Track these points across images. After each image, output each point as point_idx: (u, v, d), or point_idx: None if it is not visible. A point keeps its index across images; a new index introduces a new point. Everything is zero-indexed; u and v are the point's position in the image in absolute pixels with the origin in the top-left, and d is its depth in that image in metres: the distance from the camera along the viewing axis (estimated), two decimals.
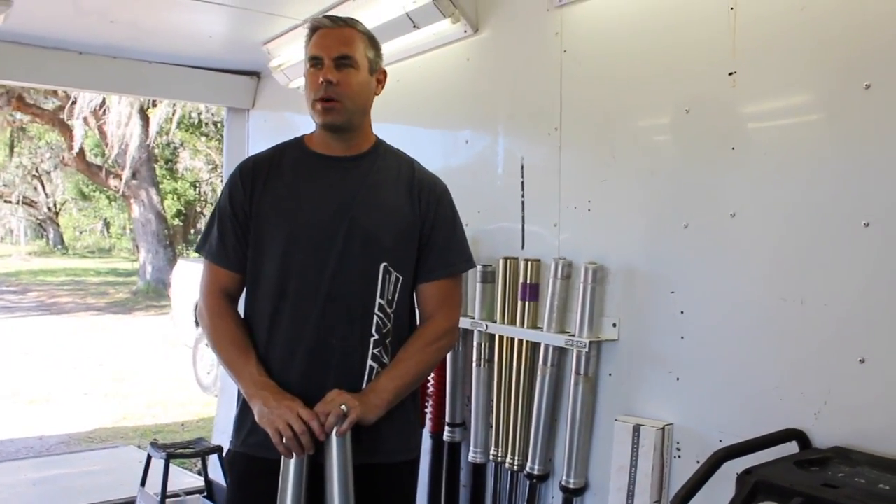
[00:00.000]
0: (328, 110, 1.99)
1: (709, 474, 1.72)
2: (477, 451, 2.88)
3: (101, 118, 15.87)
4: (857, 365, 1.81)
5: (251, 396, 1.94)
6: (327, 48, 1.99)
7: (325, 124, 2.02)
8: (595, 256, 2.48)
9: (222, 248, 2.06)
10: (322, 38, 2.01)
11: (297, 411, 1.85)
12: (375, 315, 2.00)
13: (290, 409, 1.85)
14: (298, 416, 1.84)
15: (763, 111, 2.08)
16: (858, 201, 1.82)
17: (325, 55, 1.98)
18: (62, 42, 4.10)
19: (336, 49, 1.98)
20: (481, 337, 2.85)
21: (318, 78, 1.98)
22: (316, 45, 2.01)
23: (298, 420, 1.84)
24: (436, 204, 2.09)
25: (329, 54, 1.98)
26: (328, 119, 2.00)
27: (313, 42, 2.02)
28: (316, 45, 2.01)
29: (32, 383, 9.02)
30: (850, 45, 1.86)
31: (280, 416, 1.85)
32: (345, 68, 1.98)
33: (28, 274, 24.03)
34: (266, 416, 1.87)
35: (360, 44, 2.02)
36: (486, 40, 3.02)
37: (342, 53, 1.98)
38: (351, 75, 1.99)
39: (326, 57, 1.98)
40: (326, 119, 2.00)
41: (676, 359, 2.25)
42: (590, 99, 2.56)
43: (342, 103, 1.99)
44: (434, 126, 3.32)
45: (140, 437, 6.75)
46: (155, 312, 15.59)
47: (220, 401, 5.49)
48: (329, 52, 1.98)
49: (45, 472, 5.24)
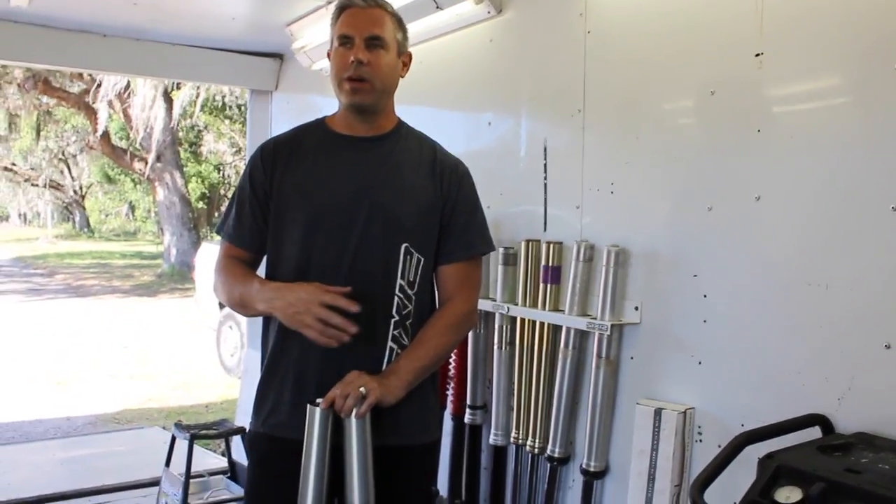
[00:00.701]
0: (357, 90, 1.97)
1: (730, 458, 1.71)
2: (498, 433, 2.89)
3: (126, 101, 15.95)
4: (883, 350, 1.79)
5: (267, 303, 1.93)
6: (358, 27, 1.97)
7: (352, 104, 2.00)
8: (617, 239, 2.46)
9: (239, 227, 2.06)
10: (353, 17, 1.99)
11: (319, 298, 1.85)
12: (396, 296, 1.99)
13: (310, 300, 1.85)
14: (321, 304, 1.84)
15: (789, 93, 2.05)
16: (886, 185, 1.80)
17: (356, 34, 1.96)
18: (86, 24, 4.12)
19: (367, 29, 1.97)
20: (503, 319, 2.85)
21: (347, 57, 1.96)
22: (346, 23, 1.99)
23: (323, 308, 1.84)
24: (457, 186, 2.08)
25: (360, 34, 1.96)
26: (356, 99, 1.99)
27: (343, 20, 2.00)
28: (346, 23, 1.99)
29: (60, 365, 9.13)
30: (880, 26, 1.83)
31: (306, 311, 1.85)
32: (375, 49, 1.97)
33: (55, 257, 24.29)
34: (291, 316, 1.88)
35: (390, 25, 2.01)
36: (509, 21, 3.00)
37: (373, 34, 1.97)
38: (381, 56, 1.98)
39: (357, 36, 1.96)
40: (355, 99, 1.99)
41: (699, 342, 2.24)
42: (613, 80, 2.54)
43: (371, 83, 1.97)
44: (457, 108, 3.30)
45: (165, 418, 6.82)
46: (179, 295, 15.71)
47: (244, 382, 5.53)
48: (360, 31, 1.96)
49: (72, 452, 5.33)
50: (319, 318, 1.84)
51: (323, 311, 1.84)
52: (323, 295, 1.85)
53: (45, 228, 33.75)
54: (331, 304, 1.84)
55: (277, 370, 2.02)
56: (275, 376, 2.03)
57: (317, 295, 1.85)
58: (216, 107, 18.13)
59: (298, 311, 1.86)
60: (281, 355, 2.01)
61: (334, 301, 1.85)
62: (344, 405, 1.83)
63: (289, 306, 1.88)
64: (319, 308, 1.84)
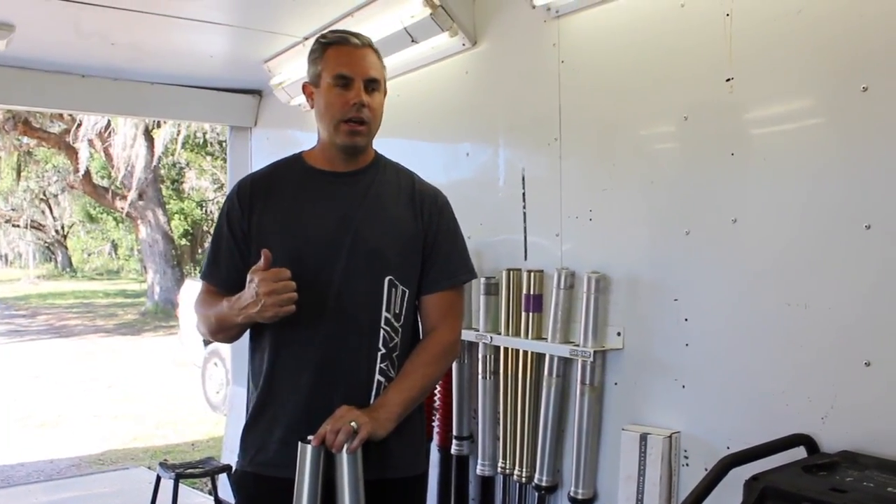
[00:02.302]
0: (356, 133, 1.97)
1: (716, 481, 1.71)
2: (485, 463, 2.87)
3: (107, 140, 15.95)
4: (863, 368, 1.80)
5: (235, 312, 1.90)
6: (358, 68, 1.96)
7: (348, 146, 2.00)
8: (597, 266, 2.48)
9: (216, 267, 2.05)
10: (349, 57, 1.98)
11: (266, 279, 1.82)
12: (382, 329, 1.98)
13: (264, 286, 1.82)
14: (259, 282, 1.81)
15: (761, 116, 2.08)
16: (859, 204, 1.82)
17: (356, 76, 1.95)
18: (64, 65, 4.13)
19: (366, 72, 1.97)
20: (486, 349, 2.85)
21: (346, 98, 1.95)
22: (343, 63, 1.97)
23: (261, 282, 1.81)
24: (438, 216, 2.08)
25: (360, 75, 1.96)
26: (355, 141, 1.99)
27: (338, 59, 1.98)
28: (343, 63, 1.97)
29: (43, 406, 9.03)
30: (847, 48, 1.86)
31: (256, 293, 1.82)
32: (373, 91, 1.98)
33: (37, 297, 24.12)
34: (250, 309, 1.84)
35: (379, 64, 2.03)
36: (484, 53, 3.03)
37: (372, 76, 1.97)
38: (377, 99, 2.00)
39: (358, 78, 1.95)
40: (353, 141, 1.98)
41: (682, 366, 2.24)
42: (588, 108, 2.56)
43: (369, 126, 1.99)
44: (435, 139, 3.33)
45: (150, 457, 6.75)
46: (164, 333, 15.61)
47: (229, 419, 5.49)
48: (360, 72, 1.96)
49: (56, 495, 5.26)
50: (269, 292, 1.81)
51: (266, 284, 1.81)
52: (266, 276, 1.82)
53: (26, 269, 33.55)
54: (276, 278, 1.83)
55: (265, 408, 2.00)
56: (262, 414, 2.01)
57: (263, 279, 1.82)
58: (197, 144, 18.16)
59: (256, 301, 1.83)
60: (268, 392, 2.00)
61: (279, 275, 1.82)
62: (335, 441, 1.81)
63: (249, 304, 1.85)
64: (264, 286, 1.81)
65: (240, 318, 1.90)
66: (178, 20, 3.40)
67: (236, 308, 1.89)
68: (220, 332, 2.02)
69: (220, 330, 2.01)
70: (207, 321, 2.03)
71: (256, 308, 1.83)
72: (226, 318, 1.94)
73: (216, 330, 2.02)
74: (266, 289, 1.81)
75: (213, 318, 1.99)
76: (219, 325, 1.99)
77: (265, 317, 1.85)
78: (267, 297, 1.81)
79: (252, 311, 1.85)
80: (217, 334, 2.05)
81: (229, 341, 2.10)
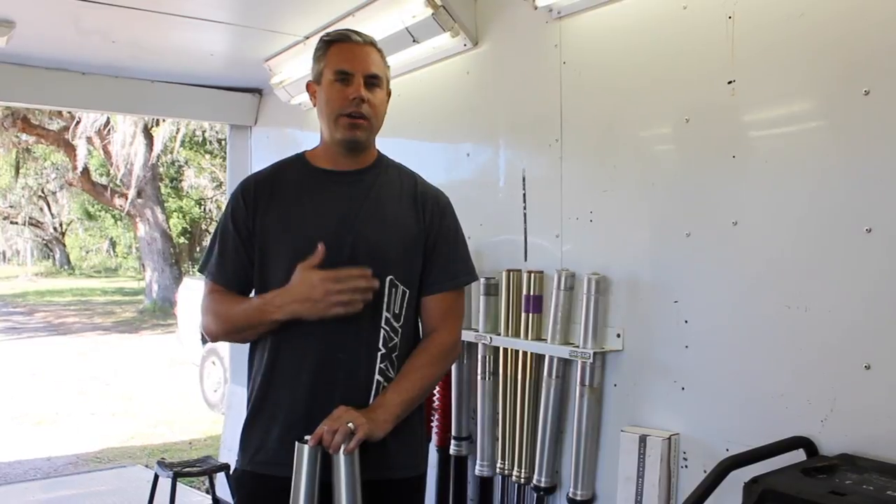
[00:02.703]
0: (356, 127, 1.97)
1: (715, 484, 1.71)
2: (484, 464, 2.87)
3: (106, 138, 15.95)
4: (863, 371, 1.81)
5: (265, 311, 1.92)
6: (358, 64, 1.97)
7: (349, 140, 2.00)
8: (598, 267, 2.48)
9: (222, 266, 2.04)
10: (350, 53, 1.99)
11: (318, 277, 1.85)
12: (382, 329, 1.98)
13: (319, 283, 1.85)
14: (323, 279, 1.85)
15: (763, 119, 2.08)
16: (860, 207, 1.82)
17: (356, 71, 1.97)
18: (65, 63, 4.13)
19: (367, 67, 1.98)
20: (486, 350, 2.85)
21: (346, 93, 1.96)
22: (344, 59, 1.98)
23: (326, 280, 1.85)
24: (440, 217, 2.08)
25: (360, 71, 1.97)
26: (354, 135, 1.99)
27: (339, 55, 1.99)
28: (344, 59, 1.98)
29: (40, 404, 9.02)
30: (849, 52, 1.86)
31: (315, 292, 1.85)
32: (373, 87, 1.99)
33: (35, 295, 24.09)
34: (316, 305, 1.86)
35: (381, 62, 2.03)
36: (485, 53, 3.03)
37: (372, 72, 1.98)
38: (378, 95, 2.00)
39: (358, 73, 1.96)
40: (352, 135, 1.98)
41: (681, 368, 2.24)
42: (590, 110, 2.56)
43: (369, 121, 1.99)
44: (435, 140, 3.33)
45: (148, 456, 6.74)
46: (161, 331, 15.60)
47: (227, 418, 5.49)
48: (360, 68, 1.97)
49: (53, 493, 5.26)
50: (339, 290, 1.84)
51: (337, 284, 1.85)
52: (321, 274, 1.86)
53: (24, 266, 33.50)
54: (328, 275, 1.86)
55: (264, 406, 2.00)
56: (261, 413, 2.01)
57: (317, 276, 1.85)
58: (197, 142, 18.15)
59: (318, 299, 1.85)
60: (267, 391, 2.00)
61: (336, 274, 1.86)
62: (332, 441, 1.81)
63: (306, 300, 1.86)
64: (332, 283, 1.84)
65: (279, 314, 1.90)
66: (179, 18, 3.41)
67: (276, 303, 1.90)
68: (244, 330, 2.00)
69: (246, 328, 1.99)
70: (228, 320, 2.01)
71: (318, 305, 1.85)
72: (257, 315, 1.94)
73: (240, 328, 2.01)
74: (336, 287, 1.84)
75: (240, 316, 1.98)
76: (246, 323, 1.98)
77: (329, 313, 1.86)
78: (335, 295, 1.84)
79: (304, 307, 1.87)
80: (237, 333, 2.05)
81: (244, 341, 2.08)
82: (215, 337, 2.09)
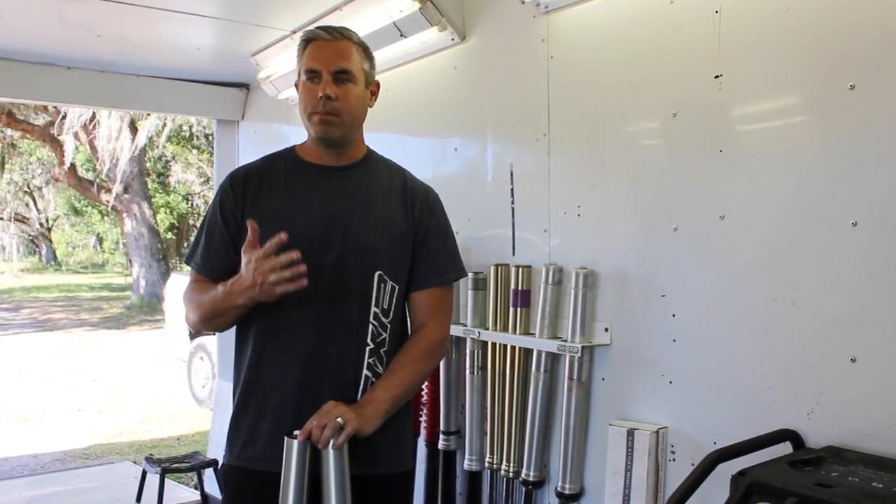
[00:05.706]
0: (326, 123, 1.97)
1: (703, 477, 1.71)
2: (472, 458, 2.88)
3: (92, 133, 15.85)
4: (849, 364, 1.82)
5: (228, 297, 1.88)
6: (325, 61, 1.96)
7: (321, 138, 2.01)
8: (585, 261, 2.48)
9: (208, 257, 2.04)
10: (319, 51, 1.98)
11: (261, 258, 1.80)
12: (371, 324, 1.99)
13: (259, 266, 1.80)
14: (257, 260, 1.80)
15: (749, 113, 2.08)
16: (846, 201, 1.83)
17: (323, 68, 1.96)
18: (50, 57, 4.10)
19: (334, 63, 1.96)
20: (474, 344, 2.85)
21: (315, 92, 1.95)
22: (313, 57, 1.98)
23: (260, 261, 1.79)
24: (429, 213, 2.09)
25: (327, 67, 1.95)
26: (325, 132, 1.99)
27: (309, 54, 1.99)
28: (313, 57, 1.98)
29: (26, 401, 8.97)
30: (835, 46, 1.87)
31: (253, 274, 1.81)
32: (343, 83, 1.97)
33: (21, 291, 23.95)
34: (261, 287, 1.81)
35: (357, 56, 2.01)
36: (473, 48, 3.03)
37: (340, 67, 1.96)
38: (349, 89, 1.98)
39: (325, 70, 1.95)
40: (324, 131, 1.98)
41: (669, 362, 2.25)
42: (577, 104, 2.57)
43: (340, 118, 1.98)
44: (423, 134, 3.32)
45: (136, 452, 6.72)
46: (149, 327, 15.55)
47: (216, 413, 5.47)
48: (327, 65, 1.96)
49: (40, 490, 5.22)
50: (277, 269, 1.79)
51: (275, 262, 1.79)
52: (261, 255, 1.80)
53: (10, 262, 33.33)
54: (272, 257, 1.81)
55: (251, 401, 2.00)
56: (249, 408, 2.01)
57: (258, 259, 1.80)
58: (184, 137, 18.07)
59: (258, 282, 1.80)
60: (255, 386, 2.00)
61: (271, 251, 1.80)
62: (321, 436, 1.81)
63: (252, 285, 1.82)
64: (271, 261, 1.79)
65: (240, 299, 1.87)
66: (165, 12, 3.38)
67: (236, 290, 1.86)
68: (215, 317, 1.98)
69: (215, 315, 1.96)
70: (201, 307, 1.98)
71: (262, 288, 1.81)
72: (222, 302, 1.91)
73: (210, 316, 1.98)
74: (266, 266, 1.79)
75: (208, 303, 1.95)
76: (213, 310, 1.95)
77: (272, 294, 1.82)
78: (268, 274, 1.79)
79: (255, 292, 1.83)
80: (210, 321, 2.01)
81: (222, 329, 2.06)
82: (194, 324, 2.07)
